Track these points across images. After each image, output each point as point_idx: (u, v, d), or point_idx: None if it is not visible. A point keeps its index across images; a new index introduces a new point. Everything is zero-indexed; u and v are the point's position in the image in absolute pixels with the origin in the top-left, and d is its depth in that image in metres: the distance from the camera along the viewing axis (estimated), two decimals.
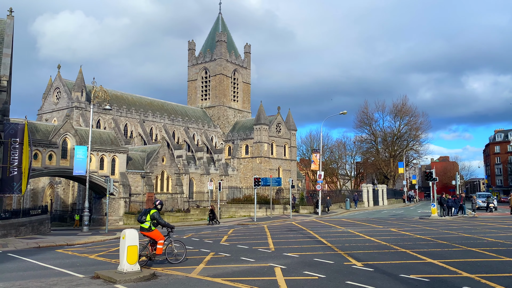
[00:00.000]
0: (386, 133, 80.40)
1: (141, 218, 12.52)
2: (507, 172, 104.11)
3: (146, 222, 12.40)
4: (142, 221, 12.44)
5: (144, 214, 12.54)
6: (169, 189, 53.78)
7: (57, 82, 59.48)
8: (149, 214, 12.44)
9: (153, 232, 12.45)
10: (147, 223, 12.40)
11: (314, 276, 10.38)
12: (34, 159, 38.68)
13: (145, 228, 12.42)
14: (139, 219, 12.57)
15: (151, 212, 12.48)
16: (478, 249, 14.43)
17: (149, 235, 12.46)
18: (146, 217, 12.43)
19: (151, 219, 12.39)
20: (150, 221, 12.40)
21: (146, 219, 12.41)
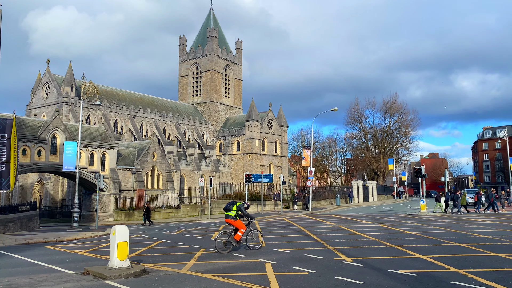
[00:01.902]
0: (376, 130, 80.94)
1: (229, 207, 14.16)
2: (494, 168, 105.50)
3: (233, 211, 14.00)
4: (229, 210, 14.06)
5: (231, 204, 14.22)
6: (160, 185, 53.61)
7: (46, 77, 58.79)
8: (236, 205, 14.12)
9: (237, 221, 14.05)
10: (233, 211, 14.02)
11: (305, 272, 10.46)
12: (23, 155, 38.27)
13: (231, 216, 14.00)
14: (226, 208, 14.24)
15: (237, 203, 14.22)
16: (465, 244, 14.64)
17: (233, 224, 14.02)
18: (233, 207, 14.06)
19: (237, 210, 14.02)
20: (236, 211, 14.01)
21: (233, 209, 14.02)
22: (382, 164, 78.62)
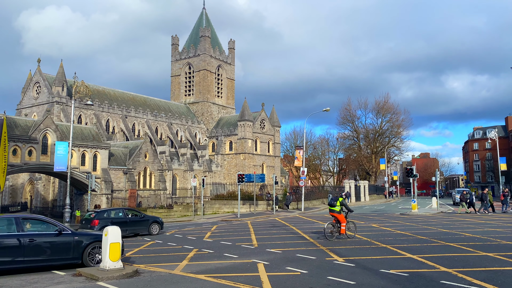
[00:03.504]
0: (368, 130, 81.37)
1: (333, 202, 16.42)
2: (485, 168, 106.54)
3: (337, 206, 16.20)
4: (333, 205, 16.30)
5: (335, 200, 16.44)
6: (152, 185, 53.43)
7: (37, 77, 58.28)
8: (339, 201, 16.29)
9: (341, 215, 16.28)
10: (338, 207, 16.20)
11: (297, 272, 10.51)
12: (13, 155, 37.93)
13: (335, 211, 16.24)
14: (330, 203, 16.56)
15: (340, 199, 16.37)
16: (456, 244, 14.80)
17: (337, 216, 16.30)
18: (337, 202, 16.28)
19: (340, 205, 16.22)
20: (340, 206, 16.22)
21: (337, 204, 16.23)
22: (374, 164, 79.07)
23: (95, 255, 11.98)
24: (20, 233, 11.09)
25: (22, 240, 10.93)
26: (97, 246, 11.97)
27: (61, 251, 11.59)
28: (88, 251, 11.92)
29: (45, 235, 11.47)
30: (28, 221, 11.92)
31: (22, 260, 10.95)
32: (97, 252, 11.96)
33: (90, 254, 11.97)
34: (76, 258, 11.80)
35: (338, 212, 16.27)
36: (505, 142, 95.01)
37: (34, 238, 11.16)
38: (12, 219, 11.46)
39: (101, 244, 11.36)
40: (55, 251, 11.49)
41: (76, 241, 11.83)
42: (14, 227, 11.19)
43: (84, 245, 11.90)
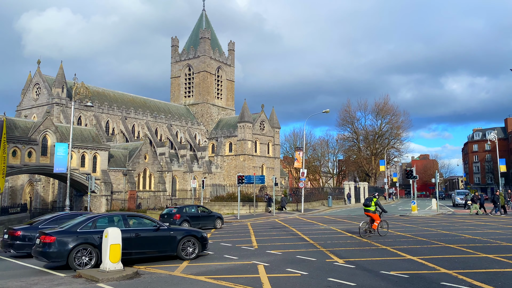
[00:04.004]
0: (368, 132, 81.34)
1: (367, 203, 17.89)
2: (484, 170, 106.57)
3: (372, 206, 17.64)
4: (368, 205, 17.75)
5: (369, 200, 17.92)
6: (152, 187, 53.38)
7: (36, 78, 58.28)
8: (373, 201, 17.71)
9: (376, 214, 17.62)
10: (373, 207, 17.63)
11: (297, 273, 10.51)
12: (13, 156, 37.91)
13: (370, 210, 17.68)
14: (365, 204, 18.06)
15: (374, 200, 17.82)
16: (456, 245, 14.80)
17: (372, 216, 17.63)
18: (371, 202, 17.70)
19: (375, 204, 17.63)
20: (375, 206, 17.61)
21: (371, 204, 17.66)
22: (374, 166, 79.04)
23: (187, 248, 13.28)
24: (127, 228, 12.58)
25: (129, 234, 12.33)
26: (188, 240, 13.33)
27: (160, 244, 12.96)
28: (181, 245, 13.21)
29: (146, 230, 12.95)
30: (131, 218, 13.49)
31: (131, 251, 12.26)
32: (188, 246, 13.30)
33: (182, 247, 13.25)
34: (172, 251, 13.15)
35: (373, 212, 17.68)
36: (504, 144, 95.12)
37: (139, 233, 12.64)
38: (120, 216, 13.14)
39: (192, 238, 13.38)
40: (155, 244, 12.90)
41: (172, 236, 13.24)
42: (122, 223, 12.75)
43: (178, 239, 13.21)
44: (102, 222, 12.67)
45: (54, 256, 11.48)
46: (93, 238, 11.86)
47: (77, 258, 11.53)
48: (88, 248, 11.69)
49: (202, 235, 13.83)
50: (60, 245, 11.46)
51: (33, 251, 12.09)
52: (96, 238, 11.82)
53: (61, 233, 11.81)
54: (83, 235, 11.87)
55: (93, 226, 12.34)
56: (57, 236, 11.61)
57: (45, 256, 11.54)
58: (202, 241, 13.65)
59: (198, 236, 13.62)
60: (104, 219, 12.86)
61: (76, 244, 11.56)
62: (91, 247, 11.71)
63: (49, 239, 11.49)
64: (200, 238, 13.63)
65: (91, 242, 11.77)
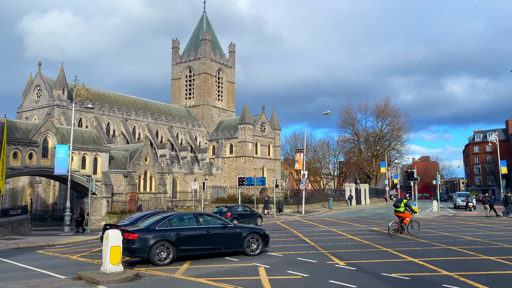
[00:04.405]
0: (369, 133, 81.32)
1: (397, 204, 18.89)
2: (485, 171, 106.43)
3: (401, 207, 18.61)
4: (398, 206, 18.72)
5: (399, 202, 18.86)
6: (152, 188, 53.35)
7: (37, 80, 58.35)
8: (403, 202, 18.72)
9: (406, 213, 18.67)
10: (402, 208, 18.61)
11: (298, 276, 10.48)
12: (14, 158, 37.92)
13: (400, 211, 18.68)
14: (395, 205, 18.99)
15: (404, 201, 18.81)
16: (457, 247, 14.76)
17: (402, 216, 18.68)
18: (401, 204, 18.70)
19: (404, 205, 18.66)
20: (404, 207, 18.64)
21: (401, 205, 18.64)
22: (375, 167, 78.99)
23: (251, 245, 14.08)
24: (199, 226, 13.66)
25: (201, 231, 13.43)
26: (252, 237, 14.13)
27: (227, 240, 13.83)
28: (246, 241, 14.00)
29: (215, 227, 13.83)
30: (201, 216, 14.43)
31: (202, 248, 13.41)
32: (252, 242, 14.10)
33: (247, 243, 14.03)
34: (238, 247, 13.96)
35: (402, 212, 18.65)
36: (505, 145, 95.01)
37: (209, 230, 13.59)
38: (191, 215, 14.24)
39: (255, 235, 14.18)
40: (223, 240, 13.76)
41: (238, 233, 14.05)
42: (193, 221, 13.83)
43: (243, 236, 14.03)
44: (177, 220, 13.69)
45: (137, 252, 12.55)
46: (170, 235, 12.92)
47: (156, 253, 12.54)
48: (165, 244, 12.72)
49: (264, 233, 14.58)
50: (142, 241, 12.53)
51: None
52: (172, 235, 12.93)
53: (142, 231, 12.87)
54: (161, 232, 12.89)
55: (169, 224, 13.34)
56: (139, 233, 12.67)
57: (130, 252, 12.62)
58: (265, 238, 14.41)
59: (261, 234, 14.41)
60: (177, 218, 13.84)
61: (156, 241, 12.59)
62: (168, 243, 12.76)
63: (132, 236, 12.57)
64: (262, 235, 14.41)
65: (168, 239, 12.80)
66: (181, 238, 13.00)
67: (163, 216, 13.93)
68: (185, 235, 13.13)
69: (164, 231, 12.98)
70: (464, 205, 43.55)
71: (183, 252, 13.04)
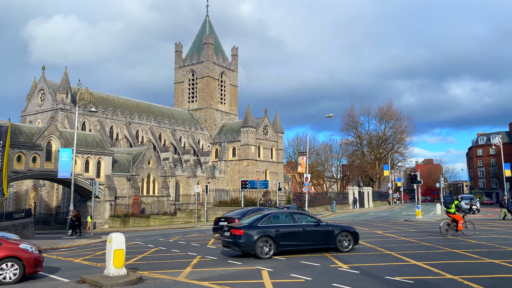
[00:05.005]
0: (372, 136, 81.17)
1: (448, 205, 20.19)
2: (489, 174, 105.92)
3: (452, 208, 19.25)
4: (449, 207, 19.52)
5: (450, 203, 20.35)
6: (155, 192, 53.43)
7: (41, 84, 58.62)
8: (454, 204, 19.50)
9: (456, 215, 19.24)
10: (452, 209, 19.24)
11: (301, 279, 10.46)
12: (18, 162, 38.09)
13: (451, 212, 19.37)
14: (446, 206, 20.96)
15: (455, 202, 19.62)
16: (461, 251, 14.70)
17: (453, 217, 19.32)
18: (452, 205, 19.40)
19: (455, 207, 19.31)
20: (455, 208, 19.27)
21: (452, 207, 19.30)
22: (378, 170, 78.80)
23: (343, 242, 14.88)
24: (295, 224, 14.67)
25: (298, 229, 14.44)
26: (343, 235, 14.94)
27: (321, 237, 14.79)
28: (338, 239, 14.83)
29: (310, 225, 14.79)
30: (296, 214, 15.44)
31: (299, 243, 14.46)
32: (344, 240, 14.91)
33: (339, 241, 14.85)
34: (331, 244, 14.84)
35: (453, 213, 19.24)
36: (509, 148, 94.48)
37: (305, 227, 14.57)
38: (288, 213, 15.34)
39: (347, 233, 14.99)
40: (317, 237, 14.74)
41: (330, 231, 14.95)
42: (290, 219, 14.86)
43: (336, 233, 14.88)
44: (275, 218, 14.81)
45: (243, 246, 13.76)
46: (271, 231, 14.03)
47: (260, 247, 13.68)
48: (268, 240, 13.83)
49: (354, 231, 15.38)
50: (247, 237, 13.71)
51: (224, 241, 14.60)
52: (273, 231, 14.04)
53: (247, 227, 14.06)
54: (263, 229, 14.05)
55: (269, 221, 14.46)
56: (244, 229, 13.89)
57: (237, 246, 13.91)
58: (355, 236, 15.20)
59: (351, 232, 15.20)
60: (276, 216, 14.99)
61: (259, 237, 13.73)
62: (270, 239, 13.86)
63: (239, 232, 13.82)
64: (353, 233, 15.20)
65: (269, 235, 13.91)
66: (280, 235, 14.09)
67: (263, 214, 15.20)
68: (283, 231, 14.22)
69: (265, 227, 14.12)
70: (468, 208, 43.38)
71: (282, 247, 14.15)
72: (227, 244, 14.45)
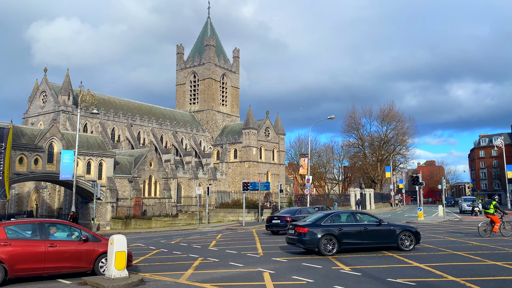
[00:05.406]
0: (373, 138, 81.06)
1: (487, 206, 20.29)
2: (491, 176, 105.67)
3: (491, 209, 19.50)
4: (488, 208, 19.85)
5: (489, 203, 20.18)
6: (157, 193, 53.44)
7: (43, 86, 58.78)
8: (492, 204, 19.67)
9: (495, 216, 19.45)
10: (491, 209, 19.48)
11: (303, 281, 10.44)
12: (20, 164, 38.15)
13: (489, 213, 19.61)
14: (484, 207, 21.45)
15: (493, 202, 19.79)
16: (463, 252, 14.65)
17: (491, 218, 19.54)
18: (490, 206, 19.67)
19: (494, 207, 19.50)
20: (494, 209, 19.48)
21: (491, 207, 19.57)
22: (380, 172, 78.65)
23: (404, 241, 15.20)
24: (357, 223, 15.21)
25: (360, 228, 15.00)
26: (405, 234, 15.29)
27: (382, 236, 15.27)
28: (400, 238, 15.23)
29: (371, 224, 15.29)
30: (357, 214, 16.01)
31: (362, 242, 14.96)
32: (405, 239, 15.22)
33: (401, 240, 15.20)
34: (393, 242, 15.24)
35: (492, 214, 19.46)
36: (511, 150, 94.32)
37: (366, 227, 15.08)
38: (349, 213, 15.89)
39: (408, 232, 15.30)
40: (379, 236, 15.22)
41: (392, 230, 15.42)
42: (352, 218, 15.40)
43: (397, 233, 15.32)
44: (337, 217, 15.48)
45: (308, 243, 14.56)
46: (334, 230, 14.67)
47: (324, 245, 14.39)
48: (331, 238, 14.49)
49: (416, 230, 15.66)
50: (312, 234, 14.49)
51: (289, 239, 15.44)
52: (336, 230, 14.69)
53: (310, 225, 14.83)
54: (326, 227, 14.74)
55: (332, 220, 15.16)
56: (308, 228, 14.67)
57: (301, 243, 14.71)
58: (416, 235, 15.44)
59: (413, 231, 15.48)
60: (338, 215, 15.69)
61: (322, 235, 14.45)
62: (333, 237, 14.51)
63: (303, 230, 14.64)
64: (414, 232, 15.45)
65: (332, 233, 14.58)
66: (343, 233, 14.71)
67: (325, 213, 16.02)
68: (346, 230, 14.82)
69: (329, 226, 14.81)
70: (470, 210, 43.20)
71: (345, 245, 14.73)
72: (291, 241, 15.25)
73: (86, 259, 11.50)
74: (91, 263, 11.59)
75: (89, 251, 11.54)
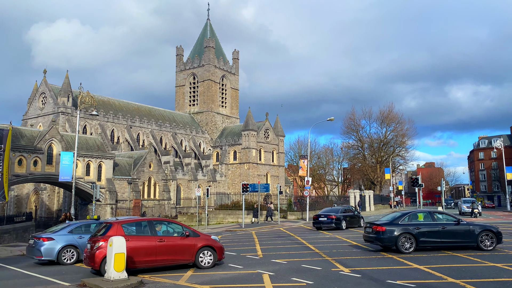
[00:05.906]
0: (373, 140, 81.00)
1: None
2: (491, 178, 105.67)
3: None
4: None
5: None
6: (156, 195, 53.39)
7: (42, 87, 58.76)
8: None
9: None
10: None
11: (302, 283, 10.42)
12: (19, 165, 38.11)
13: None
14: None
15: None
16: (463, 254, 14.64)
17: None
18: None
19: None
20: None
21: None
22: (379, 174, 78.60)
23: (485, 241, 15.16)
24: (435, 222, 15.44)
25: (438, 227, 15.17)
26: (485, 234, 15.19)
27: (461, 236, 15.34)
28: (480, 237, 15.19)
29: (449, 224, 15.45)
30: (435, 214, 15.99)
31: (439, 241, 15.17)
32: (486, 239, 15.15)
33: (481, 240, 15.19)
34: (472, 242, 15.29)
35: None
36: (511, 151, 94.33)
37: (445, 226, 15.28)
38: (427, 213, 16.03)
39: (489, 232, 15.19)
40: (457, 235, 15.31)
41: (471, 229, 15.40)
42: (429, 218, 15.61)
43: (477, 232, 15.27)
44: (414, 216, 15.74)
45: (385, 241, 15.03)
46: (411, 229, 15.04)
47: (401, 243, 14.77)
48: (409, 236, 14.83)
49: (498, 230, 15.58)
50: (389, 233, 14.94)
51: (366, 237, 15.97)
52: (413, 229, 15.02)
53: (387, 224, 15.33)
54: (403, 226, 15.13)
55: (409, 220, 15.51)
56: (386, 226, 15.13)
57: (379, 241, 15.19)
58: (498, 236, 15.37)
59: (494, 231, 15.41)
60: (415, 214, 15.85)
61: (400, 233, 14.86)
62: (411, 236, 14.85)
63: (381, 229, 15.09)
64: (496, 233, 15.41)
65: (410, 232, 14.91)
66: (420, 232, 14.99)
67: (402, 212, 16.29)
68: (423, 229, 15.07)
69: (406, 225, 15.17)
70: (469, 212, 43.16)
71: (422, 244, 15.02)
72: (369, 239, 15.77)
73: (189, 252, 12.80)
74: (193, 255, 12.84)
75: (191, 245, 12.87)
